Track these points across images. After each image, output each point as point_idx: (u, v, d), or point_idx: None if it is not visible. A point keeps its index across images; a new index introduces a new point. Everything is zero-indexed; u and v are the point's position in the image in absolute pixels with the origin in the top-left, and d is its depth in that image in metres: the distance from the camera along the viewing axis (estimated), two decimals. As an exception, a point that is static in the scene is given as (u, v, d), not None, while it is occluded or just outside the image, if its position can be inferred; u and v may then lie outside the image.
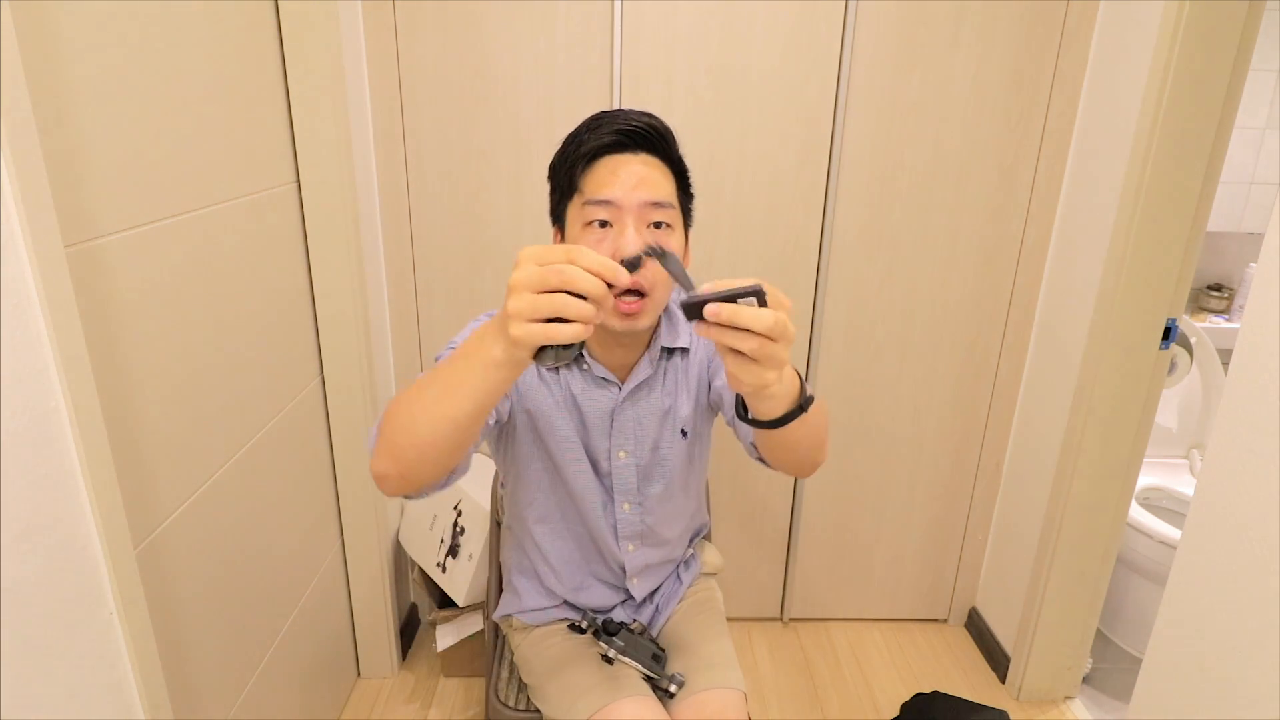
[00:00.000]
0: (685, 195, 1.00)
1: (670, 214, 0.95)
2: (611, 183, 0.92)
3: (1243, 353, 0.80)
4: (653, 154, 0.96)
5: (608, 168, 0.94)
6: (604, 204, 0.92)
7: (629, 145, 0.95)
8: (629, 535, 1.12)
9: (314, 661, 1.56)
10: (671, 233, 0.96)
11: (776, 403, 0.75)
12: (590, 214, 0.93)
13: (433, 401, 0.73)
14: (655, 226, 0.94)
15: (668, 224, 0.95)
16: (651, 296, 0.95)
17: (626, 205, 0.92)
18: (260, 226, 1.29)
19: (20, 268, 0.70)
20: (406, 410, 0.75)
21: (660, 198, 0.94)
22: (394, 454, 0.77)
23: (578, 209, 0.95)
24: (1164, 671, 0.93)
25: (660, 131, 0.96)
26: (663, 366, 1.08)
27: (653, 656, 1.10)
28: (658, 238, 0.94)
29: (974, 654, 1.97)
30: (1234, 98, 1.34)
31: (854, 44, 1.58)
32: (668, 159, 0.97)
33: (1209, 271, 2.41)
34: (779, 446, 0.89)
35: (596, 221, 0.93)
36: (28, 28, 0.79)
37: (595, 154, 0.94)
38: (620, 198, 0.92)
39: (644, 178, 0.93)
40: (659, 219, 0.94)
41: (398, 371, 1.78)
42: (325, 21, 1.35)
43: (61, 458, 0.76)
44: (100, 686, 0.82)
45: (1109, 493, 1.61)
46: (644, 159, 0.95)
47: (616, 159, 0.94)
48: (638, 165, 0.94)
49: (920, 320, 1.79)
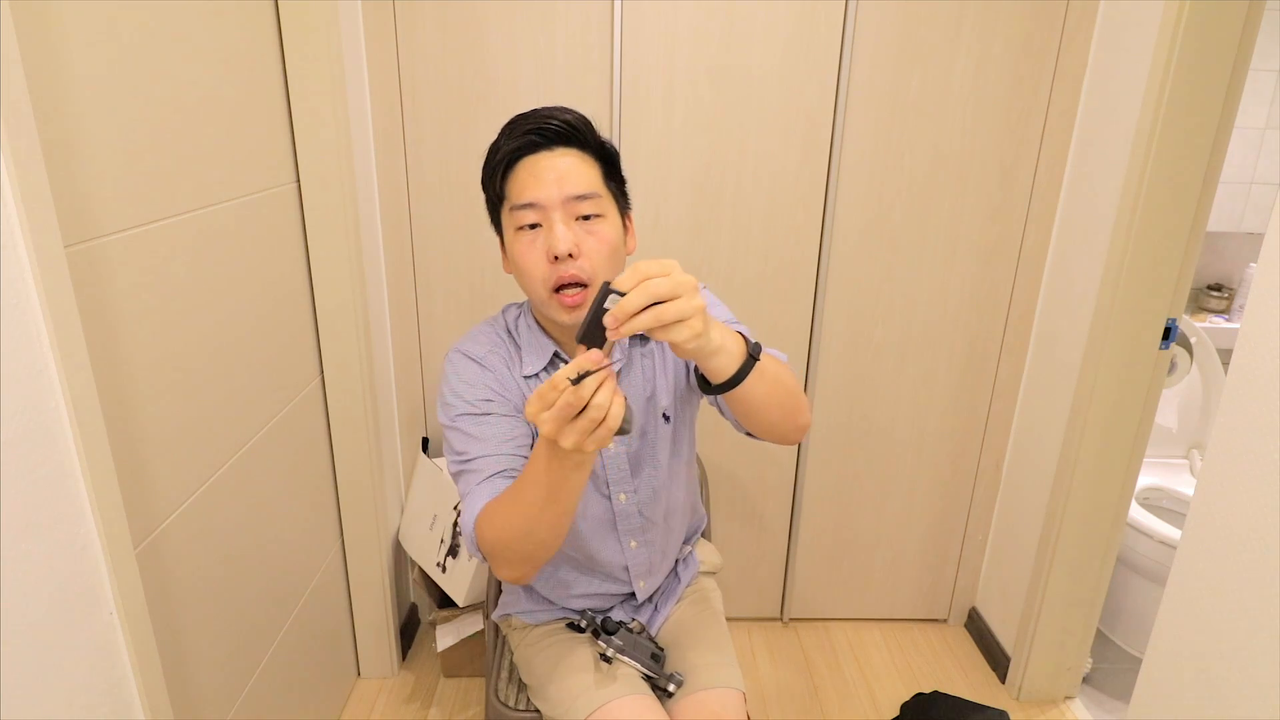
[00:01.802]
0: (615, 181, 1.00)
1: (598, 203, 0.95)
2: (531, 184, 0.93)
3: (1243, 353, 0.80)
4: (570, 146, 0.96)
5: (526, 170, 0.94)
6: (528, 206, 0.93)
7: (543, 143, 0.95)
8: (629, 530, 1.12)
9: (314, 661, 1.56)
10: (603, 221, 0.96)
11: (726, 359, 0.80)
12: (518, 219, 0.94)
13: (542, 511, 0.84)
14: (585, 219, 0.94)
15: (597, 214, 0.95)
16: (593, 286, 0.95)
17: (549, 203, 0.93)
18: (260, 226, 1.29)
19: (20, 268, 0.70)
20: (515, 530, 0.87)
21: (582, 190, 0.94)
22: (527, 559, 0.90)
23: (507, 215, 0.97)
24: (1164, 671, 0.92)
25: (574, 124, 0.96)
26: (635, 353, 1.08)
27: (651, 656, 1.10)
28: (588, 229, 0.94)
29: (974, 654, 1.97)
30: (1234, 98, 1.34)
31: (854, 44, 1.58)
32: (588, 148, 0.97)
33: (1209, 271, 2.41)
34: (752, 410, 0.90)
35: (526, 225, 0.94)
36: (28, 28, 0.79)
37: (513, 158, 0.95)
38: (542, 197, 0.93)
39: (563, 172, 0.93)
40: (586, 211, 0.94)
41: (397, 371, 1.78)
42: (325, 21, 1.35)
43: (61, 458, 0.76)
44: (100, 686, 0.82)
45: (1109, 493, 1.61)
46: (561, 153, 0.95)
47: (533, 159, 0.94)
48: (555, 160, 0.94)
49: (920, 320, 1.79)
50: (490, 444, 0.98)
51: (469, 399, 1.00)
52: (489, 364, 1.03)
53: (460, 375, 1.02)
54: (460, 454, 0.99)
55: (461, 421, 0.99)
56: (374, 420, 1.62)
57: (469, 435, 0.98)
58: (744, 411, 0.90)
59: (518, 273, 0.98)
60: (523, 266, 0.96)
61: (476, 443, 0.98)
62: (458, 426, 0.99)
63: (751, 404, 0.87)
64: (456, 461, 0.99)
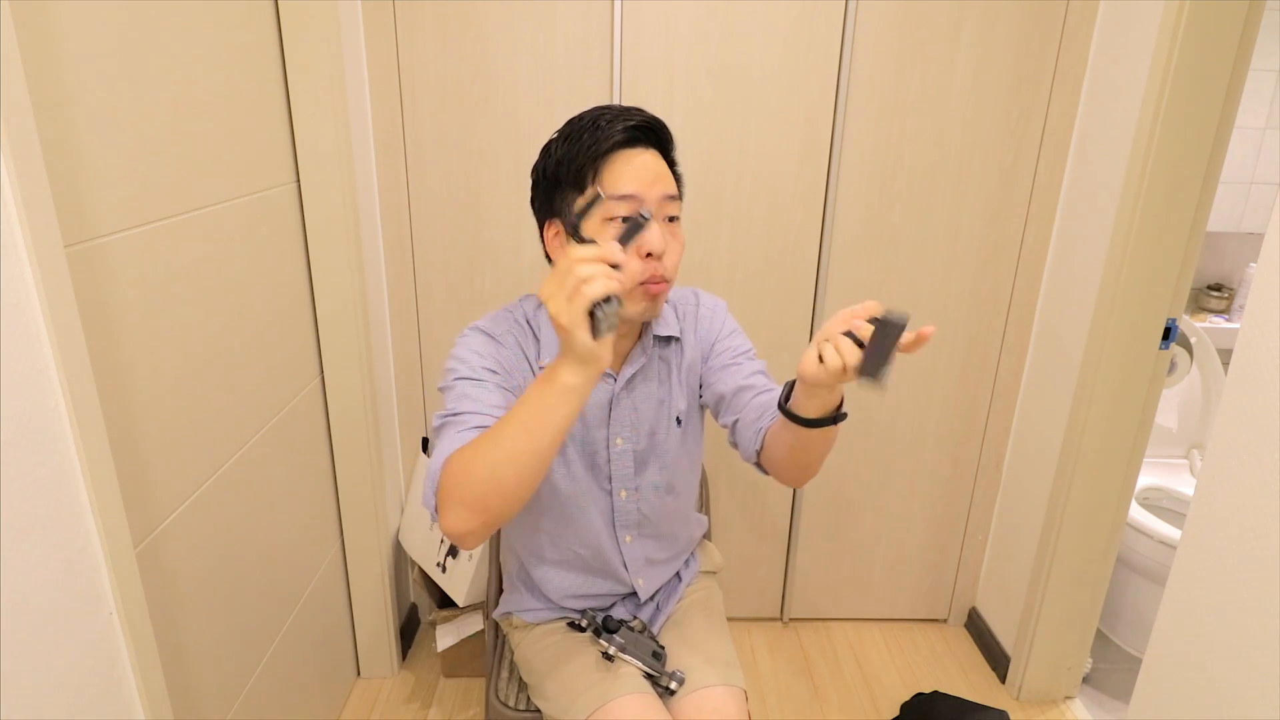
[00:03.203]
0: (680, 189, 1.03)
1: (680, 207, 0.98)
2: (632, 178, 0.93)
3: (1243, 353, 0.80)
4: (657, 149, 0.98)
5: (626, 162, 0.94)
6: (629, 198, 0.93)
7: (640, 140, 0.96)
8: (626, 524, 1.13)
9: (314, 661, 1.56)
10: (679, 226, 0.99)
11: (828, 402, 0.84)
12: (612, 209, 0.93)
13: (513, 445, 0.79)
14: (669, 220, 0.97)
15: (677, 217, 0.98)
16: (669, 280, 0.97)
17: (648, 199, 0.93)
18: (260, 226, 1.29)
19: (20, 268, 0.70)
20: (482, 463, 0.80)
21: (673, 191, 0.97)
22: (476, 506, 0.81)
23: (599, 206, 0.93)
24: (1164, 671, 0.92)
25: (664, 129, 0.99)
26: (656, 354, 1.09)
27: (653, 654, 1.10)
28: (671, 231, 0.97)
29: (974, 654, 1.97)
30: (1234, 98, 1.34)
31: (854, 44, 1.58)
32: (666, 154, 1.00)
33: (1209, 271, 2.41)
34: (795, 447, 0.93)
35: (619, 217, 0.93)
36: (28, 28, 0.79)
37: (609, 150, 0.94)
38: (642, 192, 0.93)
39: (659, 173, 0.95)
40: (672, 213, 0.97)
41: (397, 371, 1.78)
42: (325, 22, 1.35)
43: (61, 458, 0.76)
44: (100, 686, 0.82)
45: (1109, 493, 1.61)
46: (654, 154, 0.97)
47: (630, 154, 0.95)
48: (650, 159, 0.95)
49: (920, 320, 1.79)
50: (481, 404, 0.93)
51: (473, 364, 0.98)
52: (504, 341, 1.03)
53: (470, 345, 1.00)
54: (448, 410, 0.94)
55: (459, 384, 0.96)
56: (374, 420, 1.62)
57: (462, 395, 0.95)
58: (787, 444, 0.94)
59: None
60: None
61: (468, 401, 0.94)
62: (453, 387, 0.96)
63: (801, 445, 0.92)
64: (442, 416, 0.94)
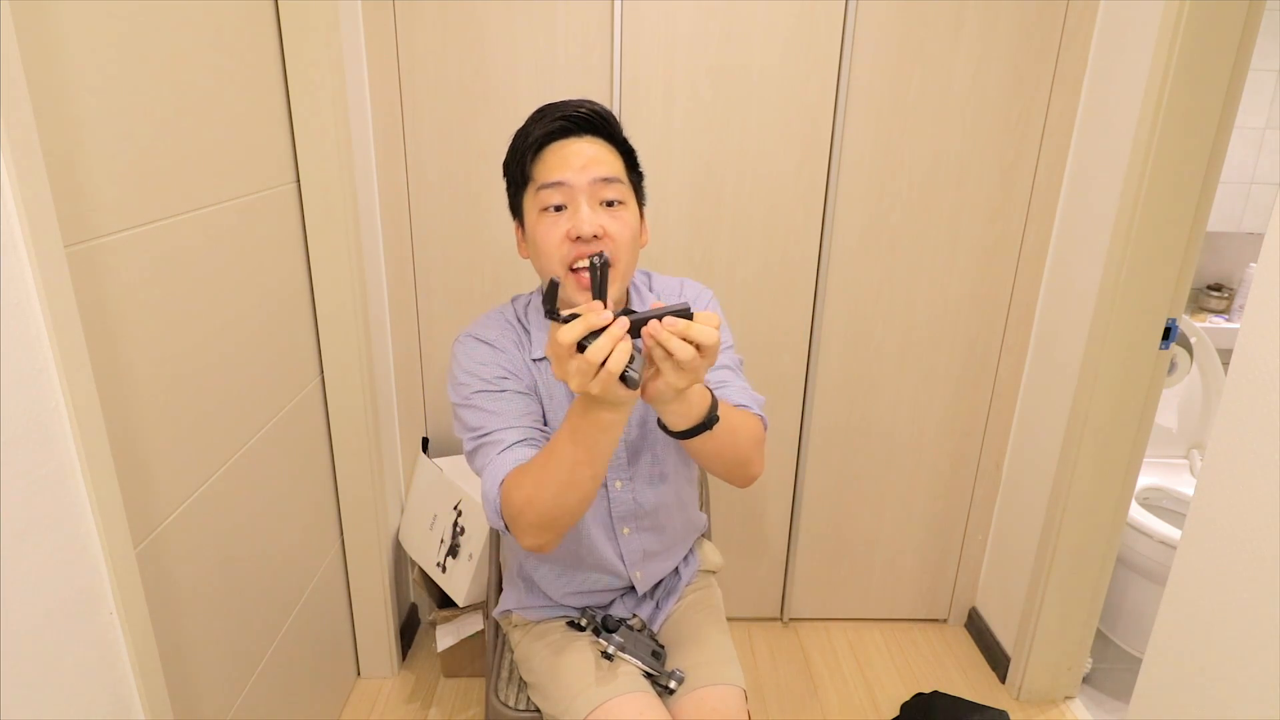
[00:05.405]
0: (635, 174, 1.03)
1: (621, 189, 0.98)
2: (559, 166, 0.96)
3: (1243, 353, 0.80)
4: (597, 135, 0.99)
5: (555, 153, 0.97)
6: (556, 186, 0.95)
7: (574, 130, 0.98)
8: (623, 516, 1.13)
9: (314, 661, 1.56)
10: (625, 209, 0.98)
11: (686, 413, 0.87)
12: (544, 199, 0.96)
13: (571, 473, 0.87)
14: (609, 205, 0.97)
15: (619, 200, 0.98)
16: (615, 266, 0.96)
17: (577, 184, 0.95)
18: (260, 226, 1.29)
19: (20, 268, 0.70)
20: (550, 492, 0.89)
21: (609, 174, 0.97)
22: (550, 526, 0.92)
23: (532, 197, 0.98)
24: (1164, 671, 0.92)
25: (603, 115, 0.99)
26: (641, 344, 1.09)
27: (652, 653, 1.10)
28: (612, 214, 0.97)
29: (974, 654, 1.97)
30: (1234, 98, 1.34)
31: (854, 44, 1.58)
32: (613, 140, 1.00)
33: (1209, 271, 2.41)
34: (698, 454, 0.97)
35: (551, 206, 0.96)
36: (28, 27, 0.79)
37: (543, 142, 0.98)
38: (570, 178, 0.95)
39: (592, 157, 0.97)
40: (611, 196, 0.97)
41: (397, 371, 1.78)
42: (325, 21, 1.35)
43: (61, 458, 0.76)
44: (100, 686, 0.82)
45: (1109, 493, 1.61)
46: (590, 140, 0.98)
47: (563, 144, 0.97)
48: (584, 146, 0.97)
49: (920, 320, 1.79)
50: (508, 417, 0.99)
51: (485, 376, 1.02)
52: (501, 346, 1.05)
53: (473, 356, 1.04)
54: (477, 429, 1.00)
55: (477, 398, 1.01)
56: (374, 420, 1.62)
57: (485, 410, 1.00)
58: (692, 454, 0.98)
59: (535, 254, 0.99)
60: (542, 246, 0.97)
61: (494, 417, 0.99)
62: (473, 403, 1.01)
63: (700, 452, 0.96)
64: (474, 436, 1.00)
